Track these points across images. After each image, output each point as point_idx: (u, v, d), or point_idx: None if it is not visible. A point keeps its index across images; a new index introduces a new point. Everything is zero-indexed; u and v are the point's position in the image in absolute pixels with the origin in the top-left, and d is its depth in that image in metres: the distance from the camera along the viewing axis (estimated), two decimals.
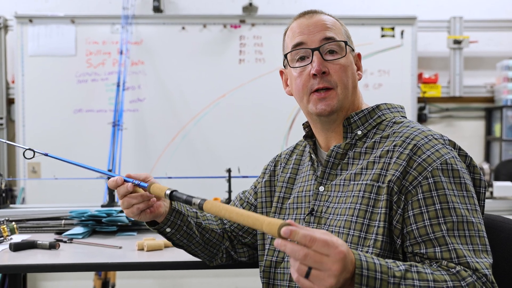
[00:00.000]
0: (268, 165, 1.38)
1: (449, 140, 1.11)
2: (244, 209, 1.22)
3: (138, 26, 3.50)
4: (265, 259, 1.22)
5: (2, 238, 1.75)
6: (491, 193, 2.59)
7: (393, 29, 3.57)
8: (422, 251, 0.99)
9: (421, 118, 3.68)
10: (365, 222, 1.05)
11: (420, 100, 3.68)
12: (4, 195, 2.34)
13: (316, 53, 1.15)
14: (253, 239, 1.35)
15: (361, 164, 1.13)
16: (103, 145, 3.30)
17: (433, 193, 1.01)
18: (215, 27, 3.53)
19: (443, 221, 0.99)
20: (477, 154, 3.81)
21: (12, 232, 1.82)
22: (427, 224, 1.00)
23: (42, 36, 3.46)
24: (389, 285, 0.87)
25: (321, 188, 1.17)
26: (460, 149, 1.11)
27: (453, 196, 1.01)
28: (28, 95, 3.45)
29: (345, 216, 1.09)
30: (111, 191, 2.41)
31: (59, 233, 1.90)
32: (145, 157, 3.50)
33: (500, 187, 2.59)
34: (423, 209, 1.01)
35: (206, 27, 3.52)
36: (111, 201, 2.39)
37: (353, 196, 1.09)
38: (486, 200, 1.77)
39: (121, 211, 1.96)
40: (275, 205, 1.28)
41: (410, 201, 1.02)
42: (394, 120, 1.17)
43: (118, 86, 3.21)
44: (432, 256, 0.98)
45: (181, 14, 3.62)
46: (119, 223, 1.91)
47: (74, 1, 3.69)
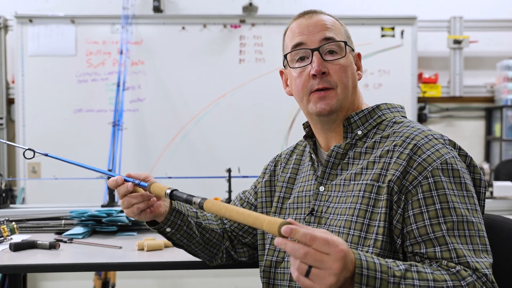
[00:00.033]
0: (268, 165, 1.38)
1: (449, 140, 1.11)
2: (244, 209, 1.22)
3: (138, 26, 3.50)
4: (265, 259, 1.22)
5: (2, 238, 1.75)
6: (491, 193, 2.59)
7: (393, 29, 3.57)
8: (422, 251, 0.99)
9: (421, 118, 3.68)
10: (365, 222, 1.05)
11: (420, 100, 3.68)
12: (4, 195, 2.34)
13: (315, 53, 1.15)
14: (253, 239, 1.35)
15: (361, 164, 1.13)
16: (103, 145, 3.31)
17: (433, 192, 1.01)
18: (215, 27, 3.53)
19: (443, 220, 0.99)
20: (477, 154, 3.81)
21: (12, 232, 1.82)
22: (427, 223, 1.00)
23: (42, 36, 3.46)
24: (389, 285, 0.87)
25: (322, 188, 1.17)
26: (460, 149, 1.11)
27: (453, 196, 1.01)
28: (28, 95, 3.45)
29: (345, 216, 1.09)
30: (111, 191, 2.41)
31: (59, 233, 1.90)
32: (145, 157, 3.50)
33: (500, 187, 2.59)
34: (423, 208, 1.01)
35: (206, 27, 3.53)
36: (111, 201, 2.39)
37: (353, 196, 1.09)
38: (486, 200, 1.77)
39: (121, 211, 1.96)
40: (275, 205, 1.28)
41: (410, 201, 1.02)
42: (394, 120, 1.17)
43: (118, 86, 3.21)
44: (432, 256, 0.98)
45: (181, 14, 3.62)
46: (119, 223, 1.91)
47: (74, 1, 3.69)
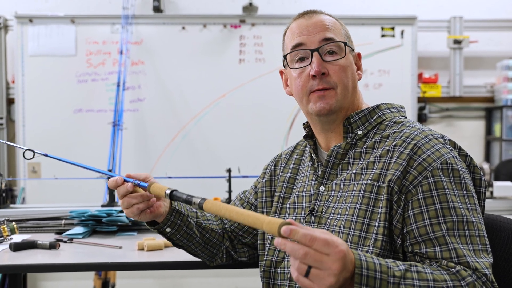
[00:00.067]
0: (269, 165, 1.38)
1: (449, 140, 1.11)
2: (244, 209, 1.22)
3: (138, 26, 3.50)
4: (265, 259, 1.22)
5: (2, 238, 1.75)
6: (491, 193, 2.59)
7: (393, 29, 3.57)
8: (422, 251, 0.99)
9: (421, 118, 3.68)
10: (365, 222, 1.05)
11: (420, 100, 3.68)
12: (4, 195, 2.34)
13: (315, 54, 1.15)
14: (253, 239, 1.35)
15: (361, 164, 1.13)
16: (103, 145, 3.30)
17: (433, 192, 1.01)
18: (215, 27, 3.53)
19: (443, 220, 0.99)
20: (477, 154, 3.80)
21: (12, 232, 1.82)
22: (427, 223, 1.00)
23: (42, 36, 3.46)
24: (388, 285, 0.87)
25: (322, 188, 1.17)
26: (460, 149, 1.11)
27: (453, 196, 1.01)
28: (28, 95, 3.45)
29: (346, 216, 1.09)
30: (111, 191, 2.41)
31: (59, 233, 1.90)
32: (145, 157, 3.50)
33: (500, 187, 2.59)
34: (423, 208, 1.01)
35: (206, 27, 3.52)
36: (111, 201, 2.39)
37: (353, 195, 1.09)
38: (486, 200, 1.77)
39: (121, 211, 1.96)
40: (275, 205, 1.28)
41: (410, 201, 1.02)
42: (394, 120, 1.17)
43: (118, 86, 3.21)
44: (432, 256, 0.98)
45: (181, 14, 3.62)
46: (119, 223, 1.91)
47: (74, 1, 3.69)
